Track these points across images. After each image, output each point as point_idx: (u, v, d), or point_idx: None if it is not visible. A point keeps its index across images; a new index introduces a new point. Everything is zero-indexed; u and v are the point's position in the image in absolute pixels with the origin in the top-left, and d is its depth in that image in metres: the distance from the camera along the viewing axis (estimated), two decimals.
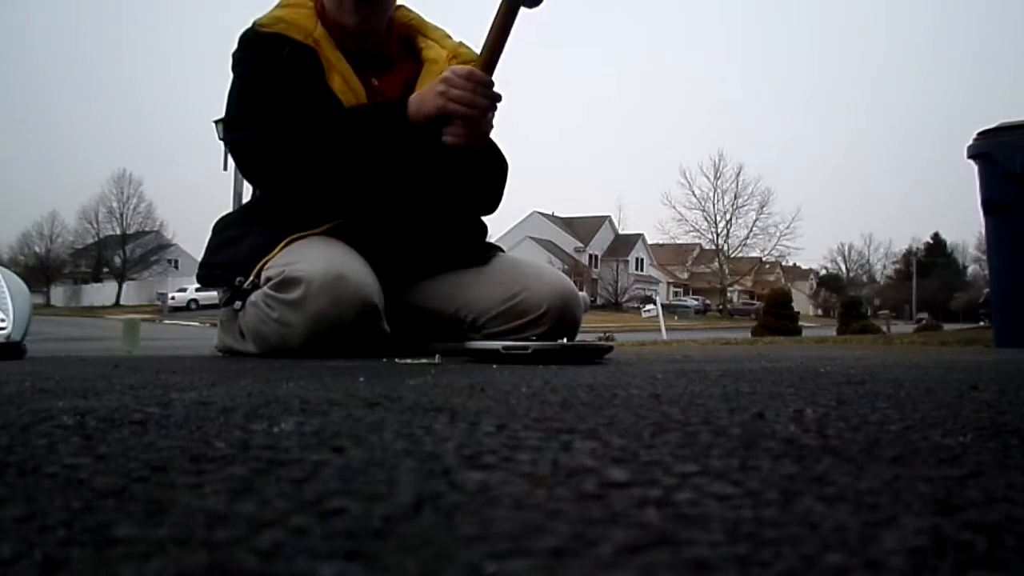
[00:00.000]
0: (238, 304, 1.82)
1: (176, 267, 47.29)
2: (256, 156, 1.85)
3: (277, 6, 1.92)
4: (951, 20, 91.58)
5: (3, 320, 1.98)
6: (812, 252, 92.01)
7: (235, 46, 1.91)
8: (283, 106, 1.82)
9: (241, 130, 1.86)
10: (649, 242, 53.22)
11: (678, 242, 49.62)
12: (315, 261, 1.71)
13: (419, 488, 0.39)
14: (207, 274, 1.95)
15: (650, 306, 35.52)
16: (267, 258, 1.78)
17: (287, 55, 1.83)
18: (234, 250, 1.88)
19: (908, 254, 60.89)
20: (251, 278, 1.79)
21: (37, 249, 46.53)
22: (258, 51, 1.87)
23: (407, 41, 2.03)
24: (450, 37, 2.05)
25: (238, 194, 13.02)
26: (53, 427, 0.60)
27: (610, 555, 0.29)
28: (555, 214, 53.81)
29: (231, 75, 1.91)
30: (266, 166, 1.85)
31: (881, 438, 0.56)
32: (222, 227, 2.01)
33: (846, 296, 33.31)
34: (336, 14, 1.89)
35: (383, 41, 1.98)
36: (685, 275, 55.09)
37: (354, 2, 1.88)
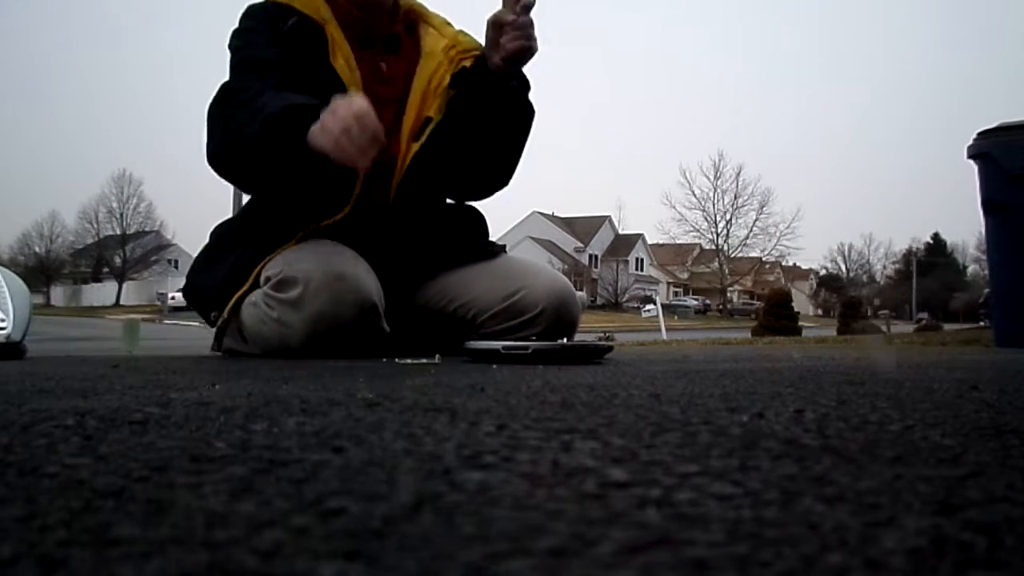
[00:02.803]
0: (219, 319, 1.87)
1: (176, 267, 47.24)
2: (210, 120, 1.80)
3: None
4: (951, 20, 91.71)
5: (3, 320, 1.98)
6: (812, 252, 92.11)
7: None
8: (272, 75, 1.75)
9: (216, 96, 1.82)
10: (649, 242, 53.19)
11: (678, 242, 49.58)
12: (314, 261, 1.71)
13: (419, 488, 0.39)
14: (188, 293, 2.02)
15: (650, 306, 35.49)
16: (242, 288, 1.81)
17: (292, 25, 1.80)
18: (211, 275, 1.91)
19: (908, 254, 60.83)
20: (224, 313, 1.84)
21: (37, 249, 46.52)
22: (257, 21, 1.84)
23: (411, 26, 1.99)
24: (450, 25, 2.01)
25: (238, 195, 13.02)
26: (53, 427, 0.60)
27: (610, 555, 0.29)
28: (555, 214, 53.79)
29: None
30: (213, 132, 1.79)
31: (881, 438, 0.56)
32: (213, 239, 2.01)
33: (846, 296, 33.33)
34: None
35: (388, 22, 1.94)
36: (685, 275, 55.06)
37: None
